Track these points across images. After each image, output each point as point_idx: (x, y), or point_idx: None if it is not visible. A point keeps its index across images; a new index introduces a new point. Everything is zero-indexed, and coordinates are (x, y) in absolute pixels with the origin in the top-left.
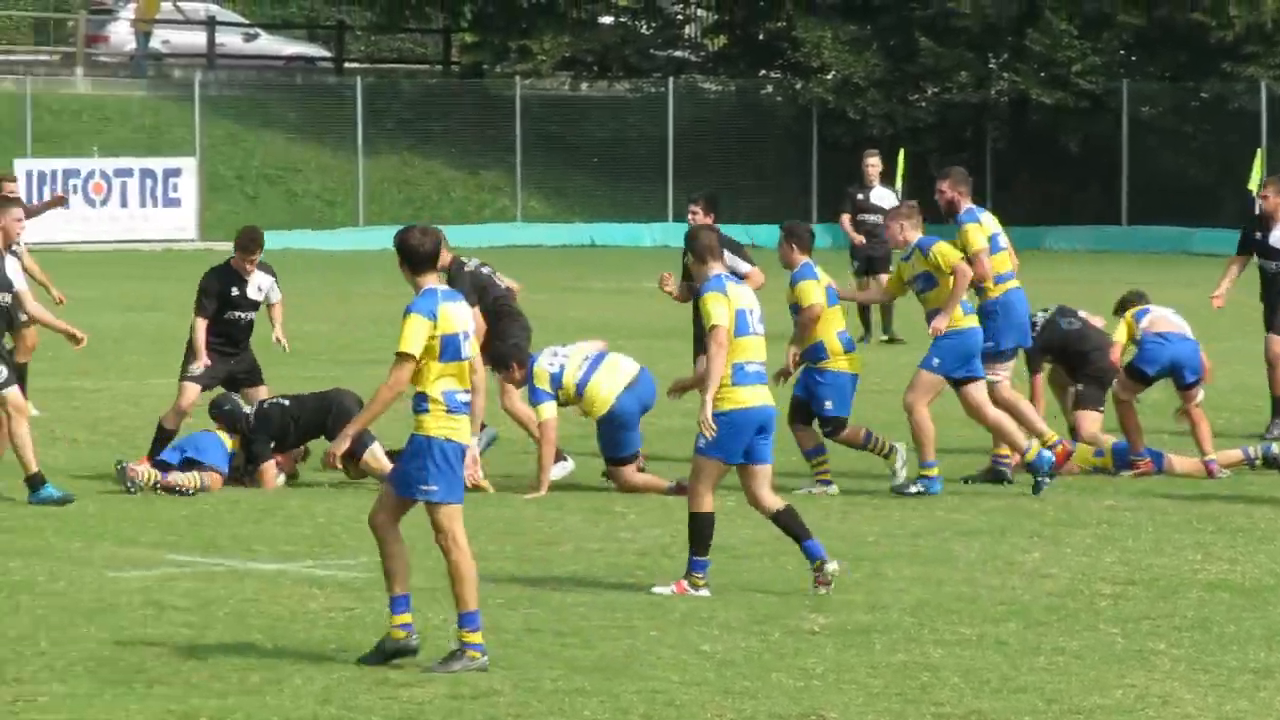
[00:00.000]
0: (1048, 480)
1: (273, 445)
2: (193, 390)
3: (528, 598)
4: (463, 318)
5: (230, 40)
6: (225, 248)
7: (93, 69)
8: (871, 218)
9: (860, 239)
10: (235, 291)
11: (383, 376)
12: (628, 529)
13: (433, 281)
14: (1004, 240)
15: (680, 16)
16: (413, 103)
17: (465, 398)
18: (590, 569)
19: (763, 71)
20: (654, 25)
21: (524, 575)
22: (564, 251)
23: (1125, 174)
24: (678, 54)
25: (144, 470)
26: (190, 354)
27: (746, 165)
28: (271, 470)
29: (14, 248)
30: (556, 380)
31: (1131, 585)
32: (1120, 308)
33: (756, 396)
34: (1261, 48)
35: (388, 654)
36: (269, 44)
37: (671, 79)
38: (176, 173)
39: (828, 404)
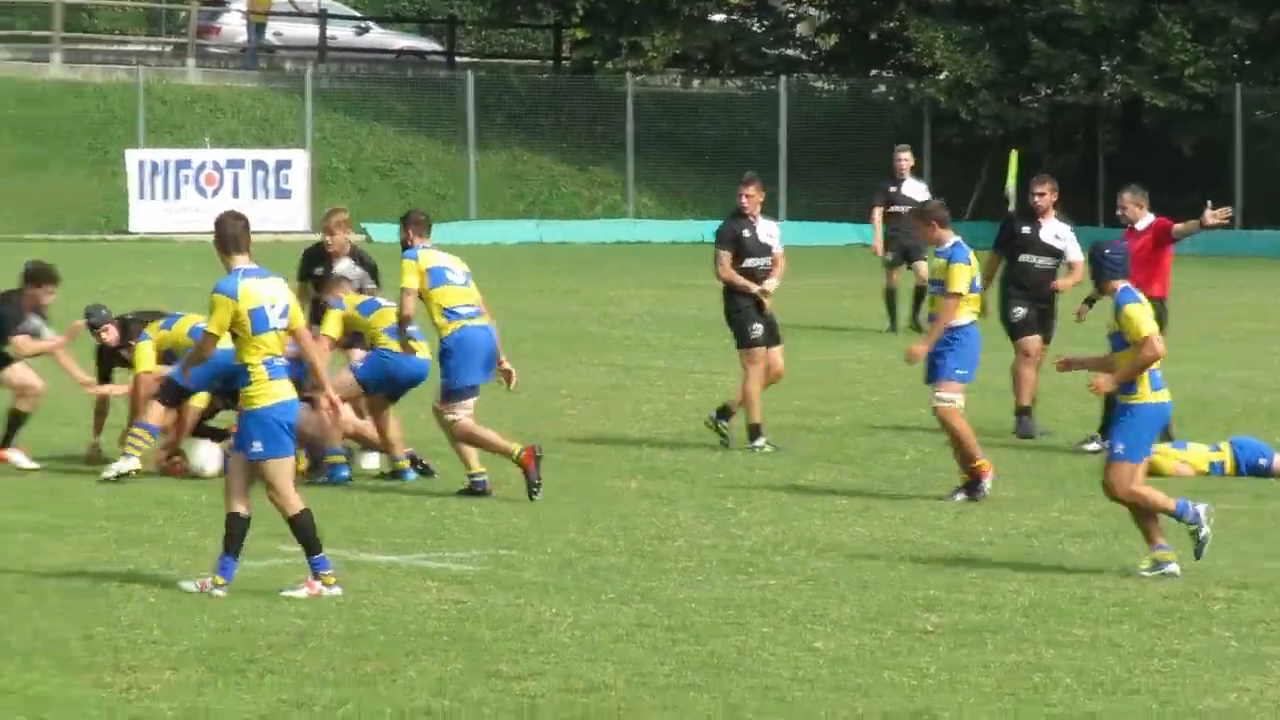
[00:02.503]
0: None
1: None
2: None
3: (639, 593)
4: None
5: (342, 33)
6: None
7: (204, 60)
8: (905, 209)
9: (878, 243)
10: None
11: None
12: (739, 525)
13: None
14: (457, 276)
15: (792, 15)
16: (523, 98)
17: None
18: (702, 565)
19: (874, 71)
20: (765, 23)
21: (636, 570)
22: (674, 248)
23: (1239, 178)
24: (789, 52)
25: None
26: None
27: (857, 164)
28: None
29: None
30: None
31: (1245, 589)
32: None
33: (289, 390)
34: None
35: None
36: (380, 37)
37: (783, 77)
38: (287, 164)
39: None
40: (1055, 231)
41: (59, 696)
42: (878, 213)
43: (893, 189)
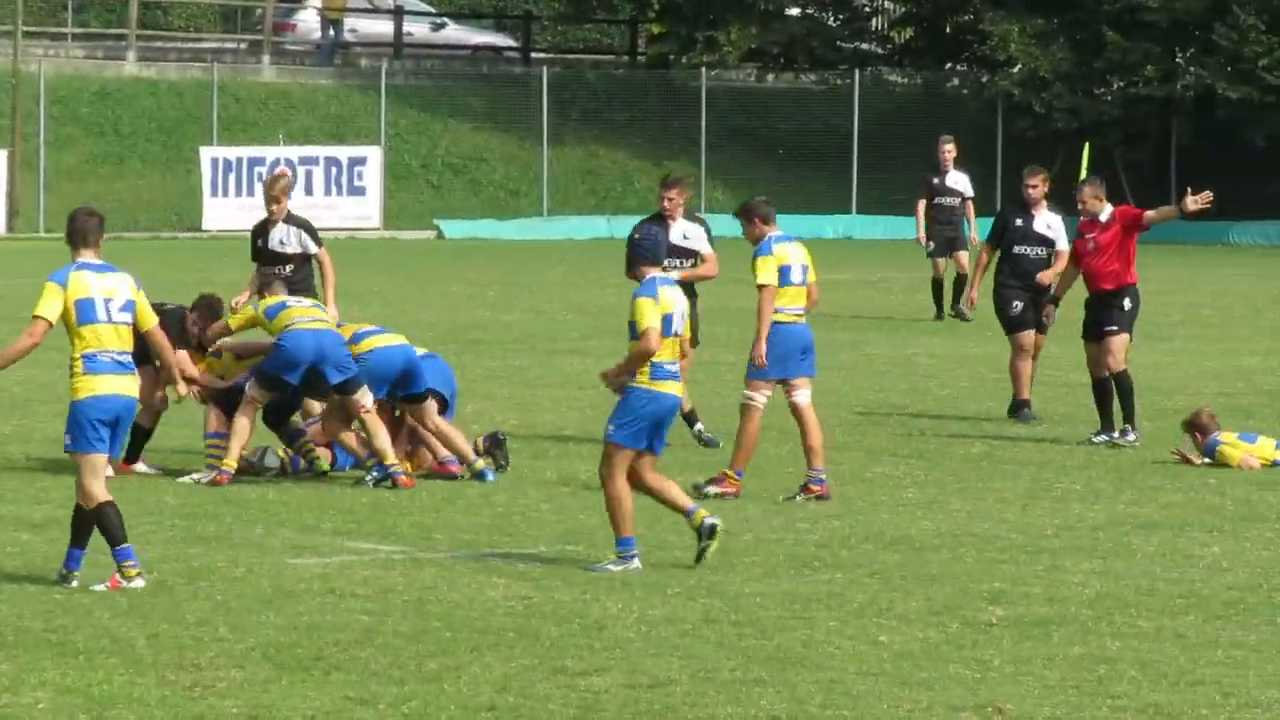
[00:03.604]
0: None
1: None
2: None
3: (705, 587)
4: None
5: (418, 29)
6: (409, 236)
7: (279, 57)
8: (948, 200)
9: (921, 234)
10: None
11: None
12: (806, 519)
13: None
14: None
15: (867, 9)
16: (598, 93)
17: None
18: (769, 559)
19: (949, 64)
20: (841, 17)
21: (703, 566)
22: (746, 242)
23: None
24: (864, 46)
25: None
26: None
27: (931, 158)
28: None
29: None
30: None
31: None
32: None
33: (112, 385)
34: None
35: None
36: (456, 33)
37: (857, 71)
38: (361, 161)
39: None
40: (1048, 222)
41: (123, 695)
42: (921, 204)
43: (936, 180)
